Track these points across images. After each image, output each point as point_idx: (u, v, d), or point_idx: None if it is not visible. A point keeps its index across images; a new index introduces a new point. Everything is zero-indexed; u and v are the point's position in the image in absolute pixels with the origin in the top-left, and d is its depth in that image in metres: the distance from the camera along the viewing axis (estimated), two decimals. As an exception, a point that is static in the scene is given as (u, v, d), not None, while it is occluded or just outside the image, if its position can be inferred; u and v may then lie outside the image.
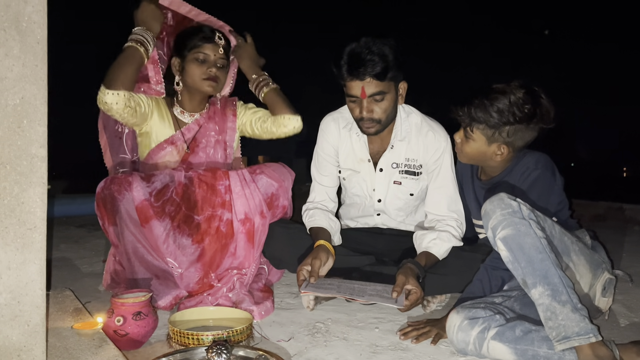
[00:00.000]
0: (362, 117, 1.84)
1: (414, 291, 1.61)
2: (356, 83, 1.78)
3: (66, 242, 2.87)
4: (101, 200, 1.75)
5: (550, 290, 1.34)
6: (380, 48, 1.75)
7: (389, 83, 1.80)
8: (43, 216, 1.00)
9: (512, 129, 1.66)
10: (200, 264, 1.77)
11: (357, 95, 1.80)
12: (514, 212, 1.43)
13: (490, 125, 1.66)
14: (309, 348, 1.48)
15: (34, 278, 1.00)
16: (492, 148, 1.72)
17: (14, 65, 0.95)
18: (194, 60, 1.93)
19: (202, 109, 2.06)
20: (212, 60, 1.94)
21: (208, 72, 1.94)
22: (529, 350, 1.35)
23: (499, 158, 1.73)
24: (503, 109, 1.63)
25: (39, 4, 0.97)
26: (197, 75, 1.94)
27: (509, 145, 1.70)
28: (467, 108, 1.69)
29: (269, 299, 1.81)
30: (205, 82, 1.94)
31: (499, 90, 1.66)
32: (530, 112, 1.63)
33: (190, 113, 2.03)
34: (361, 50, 1.75)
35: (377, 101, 1.81)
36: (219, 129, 2.06)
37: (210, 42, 1.93)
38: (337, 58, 1.80)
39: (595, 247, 1.66)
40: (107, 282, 1.91)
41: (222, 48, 1.96)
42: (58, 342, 1.27)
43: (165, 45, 2.05)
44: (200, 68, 1.94)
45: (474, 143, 1.73)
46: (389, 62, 1.75)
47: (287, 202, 1.94)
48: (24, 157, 0.97)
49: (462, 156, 1.81)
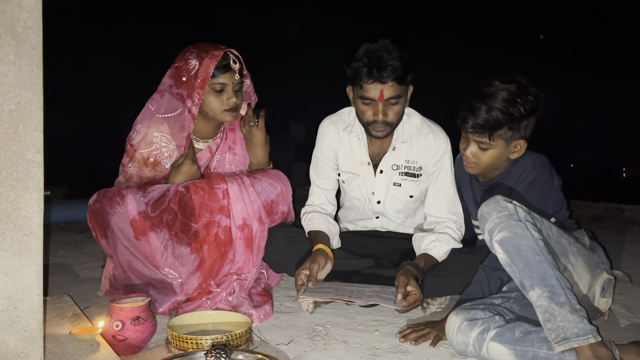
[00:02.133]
0: (376, 120, 1.83)
1: (413, 292, 1.61)
2: (375, 86, 1.76)
3: (65, 248, 2.86)
4: (92, 214, 1.75)
5: (548, 292, 1.34)
6: (400, 52, 1.75)
7: (405, 87, 1.81)
8: (39, 222, 1.00)
9: (528, 122, 1.66)
10: (200, 272, 1.75)
11: (374, 98, 1.79)
12: (510, 215, 1.43)
13: (510, 126, 1.64)
14: (309, 351, 1.47)
15: (31, 284, 1.00)
16: (510, 148, 1.71)
17: (9, 70, 0.95)
18: (211, 91, 1.83)
19: (215, 135, 2.01)
20: (230, 89, 1.85)
21: (228, 102, 1.85)
22: (528, 352, 1.35)
23: (516, 155, 1.72)
24: (512, 106, 1.62)
25: (34, 10, 0.97)
26: (217, 107, 1.85)
27: (525, 138, 1.70)
28: (480, 120, 1.64)
29: (268, 302, 1.80)
30: (227, 114, 1.87)
31: (494, 92, 1.65)
32: (535, 98, 1.64)
33: (204, 140, 1.98)
34: (382, 54, 1.74)
35: (392, 105, 1.81)
36: (238, 160, 2.01)
37: (227, 70, 1.83)
38: (352, 58, 1.78)
39: (593, 247, 1.66)
40: (106, 288, 1.90)
41: (237, 73, 1.86)
42: (56, 347, 1.27)
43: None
44: (219, 99, 1.84)
45: (493, 151, 1.69)
46: (408, 66, 1.76)
47: (287, 207, 1.93)
48: (20, 162, 0.97)
49: (478, 168, 1.75)
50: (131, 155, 1.89)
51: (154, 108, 1.90)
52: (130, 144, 1.89)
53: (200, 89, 1.80)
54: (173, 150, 1.89)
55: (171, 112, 1.87)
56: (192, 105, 1.82)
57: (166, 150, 1.89)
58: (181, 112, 1.85)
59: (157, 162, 1.90)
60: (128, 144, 1.91)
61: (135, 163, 1.89)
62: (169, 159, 1.90)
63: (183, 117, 1.84)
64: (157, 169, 1.90)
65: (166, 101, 1.88)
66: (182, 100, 1.85)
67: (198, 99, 1.82)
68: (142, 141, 1.88)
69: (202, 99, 1.83)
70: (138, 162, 1.89)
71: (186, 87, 1.83)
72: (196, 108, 1.83)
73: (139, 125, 1.90)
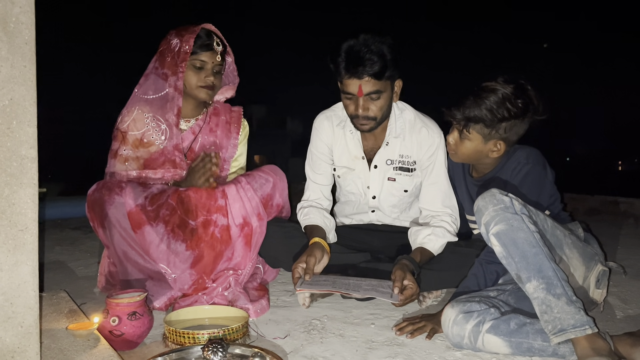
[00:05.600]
0: (357, 115, 1.84)
1: (409, 286, 1.62)
2: (353, 81, 1.78)
3: (61, 245, 2.86)
4: (90, 203, 1.75)
5: (544, 284, 1.35)
6: (378, 47, 1.74)
7: (385, 82, 1.80)
8: (34, 217, 1.00)
9: (509, 125, 1.66)
10: (195, 269, 1.76)
11: (353, 93, 1.80)
12: (506, 208, 1.43)
13: (487, 123, 1.66)
14: (305, 345, 1.48)
15: (27, 279, 1.00)
16: (489, 146, 1.72)
17: (2, 66, 0.95)
18: (191, 67, 1.88)
19: (198, 115, 2.03)
20: (209, 67, 1.90)
21: (205, 80, 1.90)
22: (523, 343, 1.36)
23: (496, 154, 1.73)
24: (498, 105, 1.63)
25: (26, 5, 0.97)
26: (194, 82, 1.90)
27: (505, 140, 1.70)
28: (462, 109, 1.68)
29: (265, 297, 1.81)
30: (202, 90, 1.91)
31: (489, 88, 1.66)
32: (524, 105, 1.64)
33: (186, 119, 2.00)
34: (360, 49, 1.74)
35: (373, 100, 1.81)
36: (219, 144, 2.03)
37: (209, 49, 1.88)
38: (335, 55, 1.79)
39: (588, 239, 1.67)
40: (102, 284, 1.91)
41: (219, 54, 1.91)
42: (53, 343, 1.27)
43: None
44: (197, 75, 1.89)
45: (470, 143, 1.72)
46: (387, 61, 1.75)
47: (282, 200, 1.94)
48: (14, 158, 0.97)
49: (457, 157, 1.80)
50: (120, 139, 1.91)
51: (139, 91, 1.94)
52: (119, 128, 1.92)
53: (183, 62, 1.86)
54: (165, 130, 1.92)
55: (158, 92, 1.91)
56: (177, 80, 1.88)
57: (158, 130, 1.92)
58: (167, 92, 1.90)
59: (150, 142, 1.92)
60: (116, 130, 1.93)
61: (128, 145, 1.90)
62: (162, 139, 1.92)
63: (170, 94, 1.89)
64: (151, 150, 1.92)
65: (151, 82, 1.93)
66: (166, 79, 1.89)
67: (182, 73, 1.87)
68: (131, 123, 1.91)
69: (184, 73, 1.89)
70: (132, 144, 1.91)
71: (170, 65, 1.88)
72: (181, 82, 1.88)
73: (125, 110, 1.93)
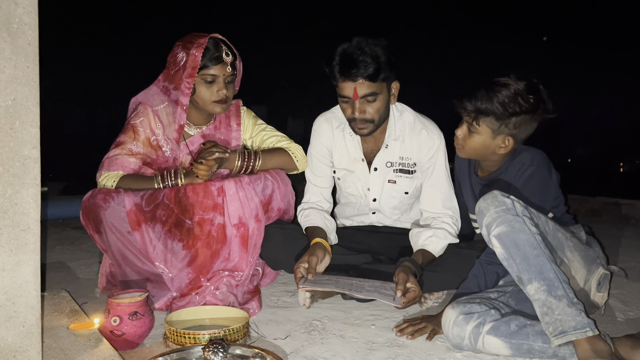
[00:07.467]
0: (355, 118, 1.84)
1: (412, 289, 1.62)
2: (348, 84, 1.78)
3: (62, 244, 2.87)
4: (85, 210, 1.76)
5: (546, 286, 1.35)
6: (372, 49, 1.75)
7: (381, 84, 1.80)
8: (36, 217, 1.00)
9: (519, 120, 1.66)
10: (191, 268, 1.76)
11: (349, 96, 1.80)
12: (508, 210, 1.43)
13: (498, 116, 1.65)
14: (306, 346, 1.48)
15: (29, 279, 1.00)
16: (497, 141, 1.71)
17: (5, 67, 0.95)
18: (202, 82, 1.86)
19: (208, 122, 2.03)
20: (220, 80, 1.87)
21: (218, 94, 1.87)
22: (524, 345, 1.36)
23: (503, 151, 1.72)
24: (510, 99, 1.63)
25: (29, 6, 0.97)
26: (207, 97, 1.88)
27: (514, 137, 1.70)
28: (473, 100, 1.67)
29: (255, 298, 1.80)
30: (216, 105, 1.89)
31: (502, 83, 1.65)
32: (535, 101, 1.64)
33: (197, 126, 2.00)
34: (353, 51, 1.74)
35: (369, 102, 1.81)
36: (224, 140, 2.03)
37: (219, 62, 1.85)
38: (329, 58, 1.79)
39: (590, 242, 1.67)
40: (103, 285, 1.91)
41: (229, 65, 1.88)
42: (54, 342, 1.28)
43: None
44: (209, 90, 1.87)
45: (478, 137, 1.71)
46: (381, 63, 1.75)
47: (284, 205, 1.93)
48: (17, 158, 0.97)
49: (464, 152, 1.79)
50: (131, 135, 1.91)
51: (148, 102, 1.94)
52: (132, 123, 1.93)
53: (189, 78, 1.83)
54: (170, 140, 1.94)
55: (157, 105, 1.92)
56: (181, 95, 1.86)
57: (164, 138, 1.94)
58: (167, 105, 1.90)
59: (159, 146, 1.94)
60: (128, 124, 1.94)
61: (139, 143, 1.91)
62: (168, 147, 1.95)
63: (171, 109, 1.89)
64: (158, 154, 1.94)
65: (153, 94, 1.93)
66: (167, 94, 1.89)
67: (188, 89, 1.85)
68: (143, 122, 1.93)
69: (194, 89, 1.87)
70: (143, 143, 1.92)
71: (173, 80, 1.87)
72: (186, 98, 1.86)
73: (141, 107, 1.94)
